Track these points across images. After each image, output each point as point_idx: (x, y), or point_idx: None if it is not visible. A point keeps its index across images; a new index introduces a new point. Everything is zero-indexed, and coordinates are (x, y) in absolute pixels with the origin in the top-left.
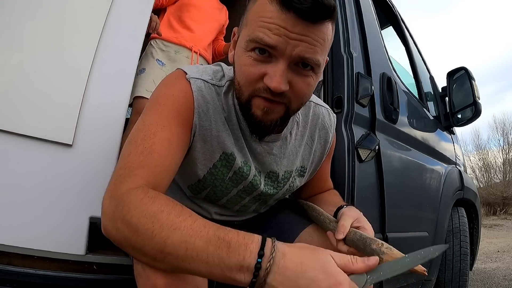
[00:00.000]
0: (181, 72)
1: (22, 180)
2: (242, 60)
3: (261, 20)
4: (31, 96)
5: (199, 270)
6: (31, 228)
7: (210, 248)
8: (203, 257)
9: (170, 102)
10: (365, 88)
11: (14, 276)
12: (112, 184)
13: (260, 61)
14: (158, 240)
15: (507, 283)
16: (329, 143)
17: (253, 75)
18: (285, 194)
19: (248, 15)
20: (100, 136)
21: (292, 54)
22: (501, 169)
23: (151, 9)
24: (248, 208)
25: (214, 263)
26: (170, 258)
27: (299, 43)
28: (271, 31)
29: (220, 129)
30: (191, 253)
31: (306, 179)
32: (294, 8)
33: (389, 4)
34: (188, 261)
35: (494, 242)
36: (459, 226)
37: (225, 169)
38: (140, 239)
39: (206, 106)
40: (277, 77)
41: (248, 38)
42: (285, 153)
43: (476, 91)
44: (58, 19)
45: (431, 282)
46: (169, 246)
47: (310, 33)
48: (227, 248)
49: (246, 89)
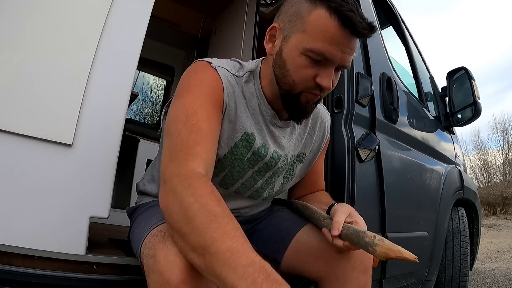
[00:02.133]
0: (204, 62)
1: (22, 180)
2: (298, 62)
3: (324, 35)
4: (31, 96)
5: (227, 279)
6: (31, 228)
7: (250, 269)
8: (240, 271)
9: (204, 85)
10: (365, 88)
11: (14, 276)
12: (175, 159)
13: (313, 64)
14: (208, 237)
15: (507, 283)
16: (326, 137)
17: (308, 76)
18: (286, 179)
19: (304, 21)
20: (100, 136)
21: (341, 63)
22: (501, 169)
23: (151, 9)
24: (260, 195)
25: (245, 281)
26: (208, 257)
27: (348, 55)
28: (332, 45)
29: (242, 111)
30: (230, 262)
31: (304, 169)
32: (353, 27)
33: (389, 4)
34: (225, 268)
35: (494, 242)
36: (459, 226)
37: (245, 149)
38: (190, 227)
39: (232, 89)
40: (328, 78)
41: (309, 47)
42: (292, 139)
43: (476, 91)
44: (58, 19)
45: (431, 282)
46: (214, 247)
47: (354, 45)
48: (266, 277)
49: (299, 86)
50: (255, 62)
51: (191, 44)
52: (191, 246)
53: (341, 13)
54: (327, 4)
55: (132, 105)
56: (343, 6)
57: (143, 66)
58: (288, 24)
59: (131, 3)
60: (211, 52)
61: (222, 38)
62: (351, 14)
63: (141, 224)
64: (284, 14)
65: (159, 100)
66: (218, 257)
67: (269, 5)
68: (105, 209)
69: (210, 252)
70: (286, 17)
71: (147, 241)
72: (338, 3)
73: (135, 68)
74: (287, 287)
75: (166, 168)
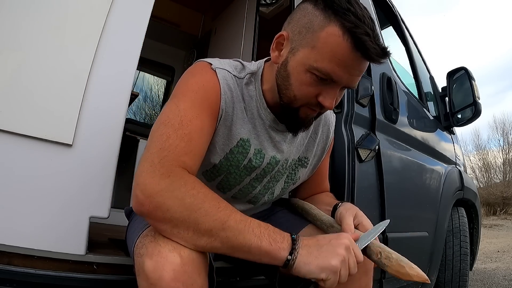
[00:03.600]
0: (205, 63)
1: (22, 180)
2: (302, 78)
3: (333, 55)
4: (31, 96)
5: (250, 242)
6: (31, 228)
7: (262, 228)
8: (257, 232)
9: (202, 91)
10: (365, 88)
11: (14, 276)
12: (158, 163)
13: (317, 82)
14: (222, 215)
15: (507, 283)
16: (330, 139)
17: (310, 93)
18: (288, 184)
19: (315, 37)
20: (100, 136)
21: (347, 85)
22: (501, 169)
23: (151, 9)
24: (259, 200)
25: (264, 237)
26: (227, 232)
27: (356, 78)
28: (340, 67)
29: (239, 116)
30: (248, 229)
31: (308, 173)
32: (365, 52)
33: (389, 4)
34: (244, 234)
35: (494, 242)
36: (459, 226)
37: (241, 156)
38: (203, 210)
39: (230, 93)
40: (331, 99)
41: (316, 66)
42: (295, 143)
43: (476, 91)
44: (58, 19)
45: (431, 282)
46: (232, 220)
47: (364, 68)
48: (273, 230)
49: (300, 101)
50: (258, 64)
51: (191, 44)
52: (204, 230)
53: (355, 35)
54: (341, 22)
55: (132, 105)
56: (358, 27)
57: (143, 66)
58: (297, 36)
59: (131, 3)
60: (211, 52)
61: (222, 38)
62: (366, 38)
63: (135, 225)
64: (295, 23)
65: (159, 100)
66: (237, 228)
67: (269, 5)
68: (105, 209)
69: (230, 225)
70: (297, 28)
71: (138, 241)
72: (354, 22)
73: (135, 68)
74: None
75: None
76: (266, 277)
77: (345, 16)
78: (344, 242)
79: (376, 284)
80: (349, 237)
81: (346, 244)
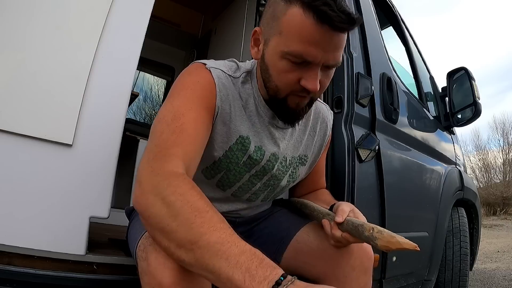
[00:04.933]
0: (200, 63)
1: (22, 180)
2: (278, 66)
3: (300, 35)
4: (31, 96)
5: (221, 271)
6: (31, 228)
7: (243, 257)
8: (232, 261)
9: (197, 88)
10: (365, 88)
11: (14, 276)
12: (152, 160)
13: (295, 67)
14: (195, 232)
15: (507, 283)
16: (327, 136)
17: (291, 80)
18: (289, 182)
19: (280, 23)
20: (100, 136)
21: (325, 62)
22: (501, 169)
23: (151, 9)
24: (258, 197)
25: (239, 270)
26: (198, 251)
27: (332, 53)
28: (310, 45)
29: (237, 114)
30: (222, 254)
31: (306, 171)
32: (331, 22)
33: (389, 4)
34: (216, 259)
35: (494, 242)
36: (459, 226)
37: (240, 153)
38: (175, 224)
39: (226, 91)
40: (314, 80)
41: (286, 50)
42: (293, 140)
43: (476, 91)
44: (58, 19)
45: (431, 282)
46: (203, 241)
47: (339, 41)
48: (259, 263)
49: (284, 90)
50: (252, 62)
51: (191, 44)
52: (178, 242)
53: (315, 9)
54: (301, 1)
55: (132, 105)
56: (317, 0)
57: (143, 66)
58: (267, 27)
59: (131, 3)
60: (211, 52)
61: (222, 38)
62: (326, 8)
63: (136, 225)
64: (264, 16)
65: (159, 100)
66: (209, 250)
67: None
68: (105, 209)
69: (200, 245)
70: (265, 20)
71: (140, 243)
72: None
73: (135, 68)
74: (280, 271)
75: (143, 170)
76: None
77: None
78: None
79: (376, 284)
80: None
81: None
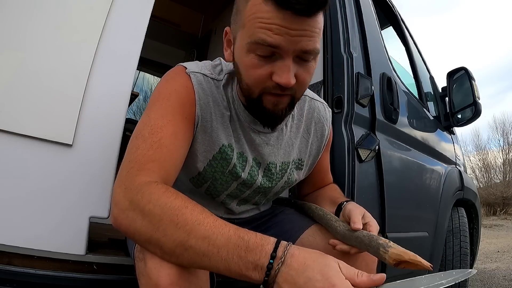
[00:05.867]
0: (181, 67)
1: (22, 180)
2: (246, 62)
3: (260, 21)
4: (31, 96)
5: (217, 266)
6: (31, 228)
7: (230, 245)
8: (223, 254)
9: (174, 97)
10: (365, 88)
11: (14, 276)
12: (125, 176)
13: (264, 61)
14: (181, 233)
15: (507, 283)
16: (326, 136)
17: (261, 76)
18: (284, 188)
19: (242, 16)
20: (100, 136)
21: (295, 50)
22: (501, 169)
23: (151, 9)
24: (248, 201)
25: (233, 261)
26: (190, 252)
27: (300, 39)
28: (272, 31)
29: (219, 121)
30: (212, 248)
31: (305, 173)
32: (291, 7)
33: (389, 4)
34: (209, 256)
35: (494, 242)
36: (459, 226)
37: (224, 162)
38: (161, 231)
39: (206, 98)
40: (285, 73)
41: (250, 40)
42: (281, 144)
43: (476, 91)
44: (58, 19)
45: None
46: (192, 240)
47: (308, 26)
48: (246, 247)
49: (255, 89)
50: None
51: (191, 44)
52: (169, 249)
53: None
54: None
55: (132, 105)
56: None
57: (143, 66)
58: (233, 25)
59: (131, 3)
60: (211, 52)
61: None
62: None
63: None
64: (231, 16)
65: None
66: (199, 250)
67: None
68: (105, 209)
69: (189, 246)
70: (231, 19)
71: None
72: None
73: (135, 68)
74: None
75: (117, 188)
76: None
77: None
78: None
79: None
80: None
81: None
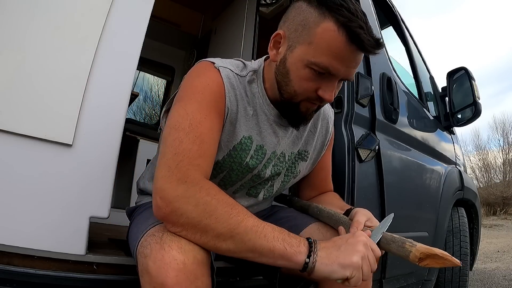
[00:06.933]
0: (208, 62)
1: (22, 180)
2: (301, 74)
3: (330, 49)
4: (31, 96)
5: (262, 247)
6: (31, 228)
7: (276, 233)
8: (270, 237)
9: (207, 92)
10: (365, 88)
11: (14, 276)
12: (175, 168)
13: (317, 76)
14: (233, 221)
15: (507, 283)
16: (330, 133)
17: (310, 88)
18: (289, 178)
19: (311, 33)
20: (100, 136)
21: (345, 77)
22: (501, 169)
23: (151, 9)
24: (258, 193)
25: (278, 241)
26: (238, 237)
27: (353, 70)
28: (337, 61)
29: (242, 114)
30: (259, 234)
31: (309, 167)
32: (361, 44)
33: (389, 4)
34: (256, 239)
35: (494, 242)
36: (459, 226)
37: (243, 153)
38: (213, 218)
39: (234, 92)
40: (330, 91)
41: (314, 60)
42: (292, 136)
43: (476, 91)
44: (58, 19)
45: (431, 282)
46: (242, 227)
47: (359, 60)
48: (288, 234)
49: (300, 96)
50: (258, 62)
51: (191, 44)
52: (217, 234)
53: (350, 29)
54: (336, 17)
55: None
56: (352, 21)
57: (143, 66)
58: (294, 33)
59: (131, 3)
60: (211, 52)
61: (222, 38)
62: (360, 31)
63: (138, 224)
64: (290, 21)
65: (159, 100)
66: (248, 233)
67: (269, 5)
68: (105, 209)
69: (239, 231)
70: (293, 26)
71: (143, 240)
72: (347, 17)
73: (135, 68)
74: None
75: (166, 178)
76: (265, 278)
77: (339, 11)
78: (361, 240)
79: (376, 284)
80: (364, 235)
81: (363, 241)
